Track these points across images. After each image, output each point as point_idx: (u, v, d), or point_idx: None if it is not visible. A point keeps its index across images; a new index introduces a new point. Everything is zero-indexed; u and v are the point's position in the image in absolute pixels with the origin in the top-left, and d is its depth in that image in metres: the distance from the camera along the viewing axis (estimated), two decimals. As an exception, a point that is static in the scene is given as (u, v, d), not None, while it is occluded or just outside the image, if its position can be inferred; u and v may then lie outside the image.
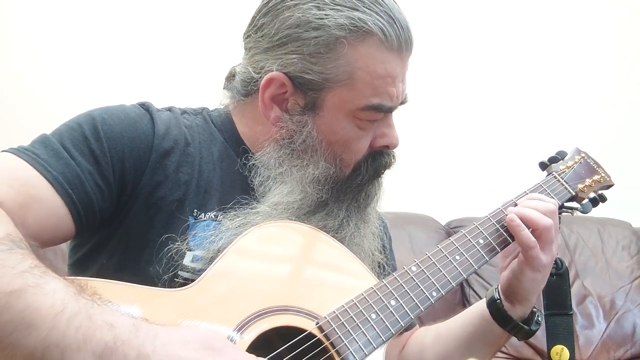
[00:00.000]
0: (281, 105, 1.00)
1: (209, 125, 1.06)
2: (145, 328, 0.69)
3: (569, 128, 2.52)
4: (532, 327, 1.06)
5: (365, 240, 1.03)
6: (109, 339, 0.65)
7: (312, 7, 0.95)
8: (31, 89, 2.31)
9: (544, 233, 1.01)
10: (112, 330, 0.66)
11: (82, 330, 0.65)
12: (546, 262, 1.02)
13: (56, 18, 2.31)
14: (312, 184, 0.99)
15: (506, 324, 1.06)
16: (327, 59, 0.95)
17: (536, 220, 1.01)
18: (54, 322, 0.64)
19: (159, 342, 0.68)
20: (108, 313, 0.68)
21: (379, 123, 1.01)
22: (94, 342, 0.65)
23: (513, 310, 1.05)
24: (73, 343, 0.64)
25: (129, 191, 0.94)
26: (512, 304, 1.06)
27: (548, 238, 1.01)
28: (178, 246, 0.93)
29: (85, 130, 0.93)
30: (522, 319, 1.06)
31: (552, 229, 1.01)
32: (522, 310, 1.06)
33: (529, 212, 1.02)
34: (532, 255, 1.01)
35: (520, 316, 1.06)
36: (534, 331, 1.07)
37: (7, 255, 0.68)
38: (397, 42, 0.96)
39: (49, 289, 0.67)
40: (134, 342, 0.67)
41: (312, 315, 0.87)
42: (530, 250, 1.00)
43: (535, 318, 1.07)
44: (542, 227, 1.01)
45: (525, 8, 2.56)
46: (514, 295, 1.05)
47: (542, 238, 1.01)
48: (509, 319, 1.05)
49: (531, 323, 1.07)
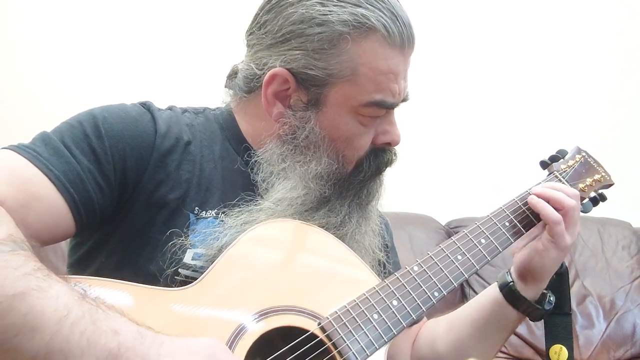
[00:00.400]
0: (284, 102, 1.00)
1: (210, 123, 1.06)
2: (151, 336, 0.69)
3: (569, 127, 2.52)
4: (545, 307, 1.08)
5: (366, 237, 1.03)
6: (113, 346, 0.65)
7: (316, 3, 0.95)
8: (32, 88, 2.30)
9: (570, 212, 1.03)
10: (116, 336, 0.66)
11: (86, 335, 0.64)
12: (569, 243, 1.04)
13: (57, 18, 2.30)
14: (315, 180, 0.99)
15: (520, 304, 1.07)
16: (331, 54, 0.95)
17: (561, 200, 1.03)
18: (57, 327, 0.64)
19: (164, 350, 0.68)
20: (113, 319, 0.68)
21: (381, 120, 1.01)
22: (98, 348, 0.64)
23: (525, 290, 1.07)
24: (77, 348, 0.64)
25: (130, 190, 0.94)
26: (525, 284, 1.07)
27: (573, 218, 1.04)
28: (182, 241, 0.93)
29: (86, 128, 0.92)
30: (534, 300, 1.08)
31: (577, 209, 1.04)
32: (534, 290, 1.07)
33: (555, 192, 1.05)
34: (559, 231, 1.02)
35: (532, 297, 1.07)
36: (548, 311, 1.08)
37: (9, 256, 0.68)
38: (399, 38, 0.96)
39: (52, 292, 0.66)
40: (139, 350, 0.66)
41: (314, 315, 0.87)
42: (557, 226, 1.02)
43: (547, 298, 1.09)
44: (567, 207, 1.03)
45: (526, 6, 2.56)
46: (532, 275, 1.06)
47: (567, 218, 1.03)
48: (523, 299, 1.07)
49: (544, 303, 1.08)
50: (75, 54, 2.31)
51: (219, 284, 0.86)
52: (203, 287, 0.85)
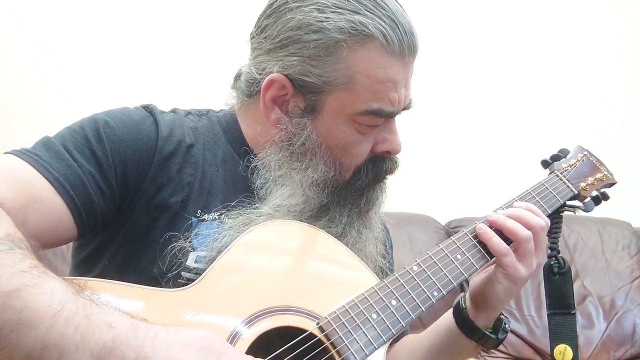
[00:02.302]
0: (282, 107, 1.00)
1: (213, 126, 1.06)
2: (145, 328, 0.68)
3: (569, 127, 2.52)
4: (499, 336, 1.04)
5: (367, 245, 1.03)
6: (107, 339, 0.65)
7: (314, 9, 0.94)
8: (35, 92, 2.29)
9: (522, 244, 0.98)
10: (110, 330, 0.66)
11: (80, 329, 0.65)
12: (524, 275, 0.99)
13: (59, 20, 2.30)
14: (312, 187, 0.99)
15: (473, 334, 1.04)
16: (327, 62, 0.95)
17: (514, 230, 0.99)
18: (52, 322, 0.64)
19: (159, 342, 0.67)
20: (107, 313, 0.68)
21: (380, 128, 1.00)
22: (93, 342, 0.64)
23: (478, 317, 1.03)
24: (71, 343, 0.64)
25: (131, 193, 0.94)
26: (477, 310, 1.03)
27: (526, 250, 0.99)
28: (181, 244, 0.93)
29: (87, 133, 0.93)
30: (488, 328, 1.04)
31: (531, 242, 0.98)
32: (486, 318, 1.03)
33: (509, 222, 1.00)
34: (506, 262, 0.98)
35: (485, 325, 1.04)
36: (501, 340, 1.05)
37: (6, 255, 0.68)
38: (399, 46, 0.95)
39: (47, 288, 0.66)
40: (133, 342, 0.66)
41: (312, 315, 0.87)
42: (504, 257, 0.98)
43: (503, 325, 1.05)
44: (520, 238, 0.98)
45: (526, 6, 2.56)
46: (483, 302, 1.02)
47: (519, 250, 0.99)
48: (475, 328, 1.03)
49: (499, 331, 1.04)
50: (79, 56, 2.31)
51: (217, 285, 0.85)
52: (205, 285, 0.85)
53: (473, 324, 1.03)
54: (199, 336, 0.71)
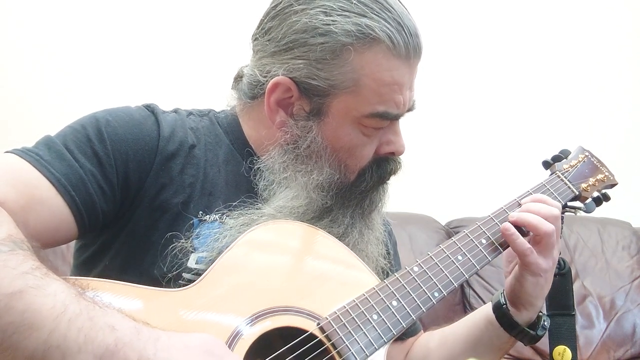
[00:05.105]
0: (287, 110, 0.99)
1: (215, 127, 1.05)
2: (147, 331, 0.68)
3: (570, 128, 2.52)
4: (538, 332, 1.05)
5: (369, 246, 1.03)
6: (110, 342, 0.65)
7: (320, 12, 0.94)
8: (35, 92, 2.29)
9: (545, 238, 1.00)
10: (113, 332, 0.66)
11: (83, 332, 0.65)
12: (546, 267, 1.01)
13: (59, 20, 2.30)
14: (317, 190, 0.98)
15: (512, 329, 1.05)
16: (333, 65, 0.94)
17: (537, 226, 1.00)
18: (55, 324, 0.64)
19: (161, 345, 0.68)
20: (109, 315, 0.68)
21: (385, 130, 1.00)
22: (95, 344, 0.64)
23: (519, 315, 1.05)
24: (74, 345, 0.64)
25: (132, 193, 0.94)
26: (517, 309, 1.05)
27: (549, 243, 1.01)
28: (182, 244, 0.93)
29: (88, 132, 0.92)
30: (528, 324, 1.05)
31: (554, 235, 1.00)
32: (527, 315, 1.05)
33: (531, 217, 1.01)
34: (530, 261, 1.00)
35: (526, 321, 1.05)
36: (541, 336, 1.06)
37: (8, 256, 0.68)
38: (405, 49, 0.95)
39: (50, 290, 0.66)
40: (135, 345, 0.66)
41: (313, 315, 0.87)
42: (526, 257, 1.00)
43: (542, 323, 1.06)
44: (543, 233, 1.00)
45: (527, 7, 2.56)
46: (519, 300, 1.04)
47: (542, 243, 1.00)
48: (515, 324, 1.05)
49: (537, 328, 1.06)
50: (80, 55, 2.31)
51: (217, 285, 0.85)
52: (205, 285, 0.85)
53: (512, 319, 1.04)
54: (200, 340, 0.71)
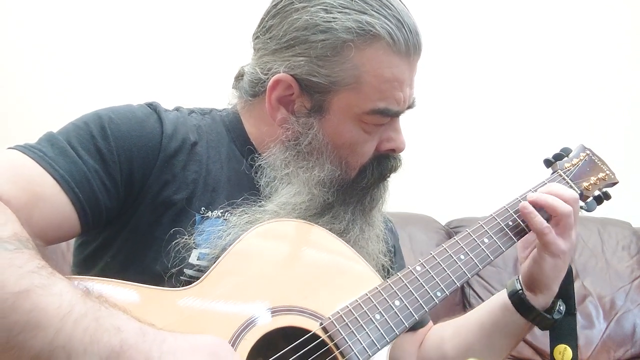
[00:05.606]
0: (288, 107, 1.00)
1: (217, 124, 1.06)
2: (153, 333, 0.68)
3: (569, 127, 2.51)
4: (554, 316, 1.07)
5: (369, 243, 1.03)
6: (115, 343, 0.65)
7: (320, 10, 0.95)
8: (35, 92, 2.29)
9: (564, 219, 1.02)
10: (119, 334, 0.66)
11: (89, 332, 0.64)
12: (565, 248, 1.03)
13: (59, 20, 2.30)
14: (318, 186, 0.99)
15: (529, 313, 1.06)
16: (334, 62, 0.95)
17: (555, 206, 1.02)
18: (60, 324, 0.64)
19: (166, 347, 0.68)
20: (115, 316, 0.68)
21: (385, 127, 1.01)
22: (101, 346, 0.64)
23: (535, 299, 1.06)
24: (79, 346, 0.63)
25: (136, 190, 0.94)
26: (534, 293, 1.06)
27: (567, 224, 1.02)
28: (185, 240, 0.93)
29: (92, 129, 0.92)
30: (544, 309, 1.07)
31: (572, 216, 1.02)
32: (544, 299, 1.06)
33: (550, 198, 1.03)
34: (548, 240, 1.01)
35: (542, 305, 1.06)
36: (557, 320, 1.07)
37: (14, 254, 0.67)
38: (405, 46, 0.96)
39: (56, 290, 0.66)
40: (141, 347, 0.66)
41: (316, 315, 0.87)
42: (545, 236, 1.01)
43: (557, 307, 1.08)
44: (561, 213, 1.02)
45: (528, 6, 2.56)
46: (536, 284, 1.05)
47: (560, 224, 1.02)
48: (532, 308, 1.06)
49: (553, 312, 1.07)
50: (82, 53, 2.31)
51: (220, 284, 0.85)
52: (207, 284, 0.85)
53: (529, 303, 1.06)
54: (206, 341, 0.72)
